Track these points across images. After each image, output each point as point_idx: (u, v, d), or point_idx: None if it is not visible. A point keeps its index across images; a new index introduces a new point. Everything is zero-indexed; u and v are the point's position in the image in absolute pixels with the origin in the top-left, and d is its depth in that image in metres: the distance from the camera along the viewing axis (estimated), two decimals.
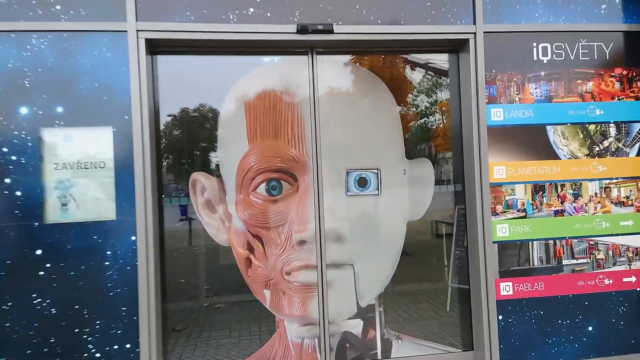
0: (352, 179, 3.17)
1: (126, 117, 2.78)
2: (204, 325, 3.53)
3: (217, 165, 3.09)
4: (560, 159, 3.23)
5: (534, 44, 3.24)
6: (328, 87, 3.21)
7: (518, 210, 3.19)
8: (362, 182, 3.18)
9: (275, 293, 3.07)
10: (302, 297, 3.08)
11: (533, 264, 3.19)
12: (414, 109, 3.42)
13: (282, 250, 3.06)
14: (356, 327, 3.16)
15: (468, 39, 3.15)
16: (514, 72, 3.22)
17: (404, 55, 3.39)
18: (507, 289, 3.16)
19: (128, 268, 2.76)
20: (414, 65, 3.48)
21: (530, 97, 3.23)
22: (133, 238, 2.76)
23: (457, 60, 3.36)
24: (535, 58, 3.24)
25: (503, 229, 3.17)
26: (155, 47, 2.99)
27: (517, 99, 3.22)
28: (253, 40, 2.96)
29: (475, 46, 3.15)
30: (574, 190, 3.24)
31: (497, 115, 3.19)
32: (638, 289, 3.25)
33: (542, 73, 3.24)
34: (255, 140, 3.07)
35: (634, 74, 3.31)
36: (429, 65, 3.52)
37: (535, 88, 3.24)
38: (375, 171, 3.20)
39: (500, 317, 3.13)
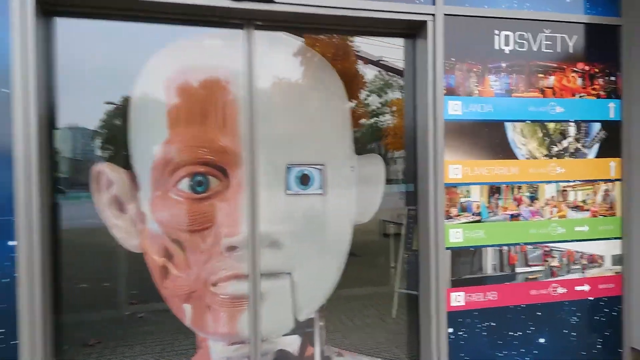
0: (293, 175, 2.76)
1: (5, 91, 2.19)
2: (123, 338, 3.07)
3: (128, 156, 2.57)
4: (518, 158, 2.98)
5: (496, 32, 2.95)
6: (270, 69, 2.77)
7: (473, 214, 2.91)
8: (305, 180, 2.78)
9: (198, 307, 2.61)
10: (231, 312, 2.64)
11: (486, 272, 2.94)
12: (365, 107, 3.10)
13: (207, 258, 2.60)
14: (293, 344, 2.77)
15: (426, 21, 2.80)
16: (474, 62, 2.92)
17: (356, 49, 3.10)
18: (458, 299, 2.88)
19: (5, 281, 2.20)
20: (367, 61, 3.23)
21: (490, 90, 2.95)
22: (11, 243, 2.19)
23: (414, 45, 3.01)
24: (497, 47, 2.95)
25: (457, 234, 2.89)
26: (51, 6, 2.40)
27: (476, 92, 2.92)
28: (176, 5, 2.44)
29: (435, 30, 2.81)
30: (531, 193, 3.01)
31: (455, 108, 2.88)
32: (591, 298, 3.09)
33: (504, 64, 2.97)
34: (177, 126, 2.57)
35: (596, 70, 3.11)
36: (381, 62, 3.28)
37: (496, 80, 2.96)
38: (320, 167, 2.80)
39: (450, 330, 2.85)
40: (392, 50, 3.17)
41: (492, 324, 2.92)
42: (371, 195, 2.95)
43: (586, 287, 3.08)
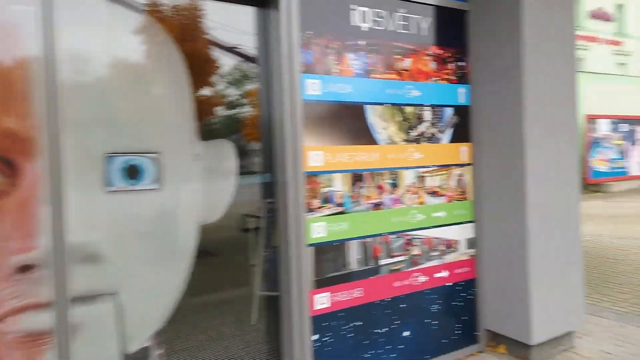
0: (117, 167, 2.14)
1: None
2: None
3: None
4: (378, 143, 2.81)
5: (353, 7, 2.72)
6: (81, 30, 2.09)
7: (336, 205, 2.65)
8: (133, 172, 2.18)
9: None
10: (27, 355, 1.93)
11: (351, 268, 2.71)
12: (221, 96, 2.66)
13: None
14: None
15: None
16: (332, 37, 2.64)
17: (207, 32, 2.63)
18: (323, 301, 2.60)
19: None
20: (220, 46, 2.80)
21: (349, 70, 2.71)
22: None
23: (266, 15, 2.61)
24: (354, 23, 2.72)
25: (319, 229, 2.59)
26: None
27: (335, 70, 2.65)
28: None
29: None
30: (392, 180, 2.86)
31: (314, 87, 2.57)
32: (450, 284, 3.09)
33: (362, 42, 2.75)
34: None
35: (448, 54, 3.09)
36: (235, 49, 2.86)
37: (355, 59, 2.73)
38: (153, 156, 2.23)
39: (315, 337, 2.55)
40: (249, 38, 2.79)
41: (358, 323, 2.70)
42: (221, 188, 2.47)
43: (445, 273, 3.07)
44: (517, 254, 2.95)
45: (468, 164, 3.18)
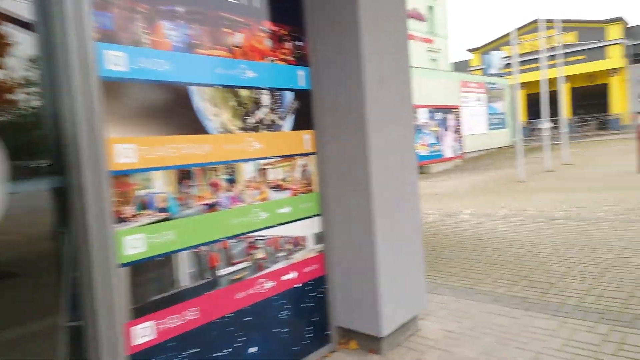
0: None
1: None
2: None
3: None
4: (210, 133, 2.35)
5: None
6: None
7: (159, 210, 2.12)
8: None
9: None
10: None
11: (182, 285, 2.22)
12: (21, 81, 1.93)
13: None
14: None
15: None
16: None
17: None
18: (145, 333, 2.06)
19: None
20: (12, 20, 2.04)
21: (166, 42, 2.18)
22: None
23: None
24: None
25: (136, 242, 2.03)
26: None
27: (146, 41, 2.10)
28: None
29: None
30: (229, 175, 2.44)
31: (118, 62, 1.99)
32: (299, 285, 2.81)
33: (180, 9, 2.24)
34: None
35: (284, 32, 2.77)
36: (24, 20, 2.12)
37: (172, 29, 2.21)
38: None
39: None
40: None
41: (194, 350, 2.24)
42: None
43: (293, 274, 2.78)
44: (364, 245, 2.82)
45: (312, 153, 2.93)
